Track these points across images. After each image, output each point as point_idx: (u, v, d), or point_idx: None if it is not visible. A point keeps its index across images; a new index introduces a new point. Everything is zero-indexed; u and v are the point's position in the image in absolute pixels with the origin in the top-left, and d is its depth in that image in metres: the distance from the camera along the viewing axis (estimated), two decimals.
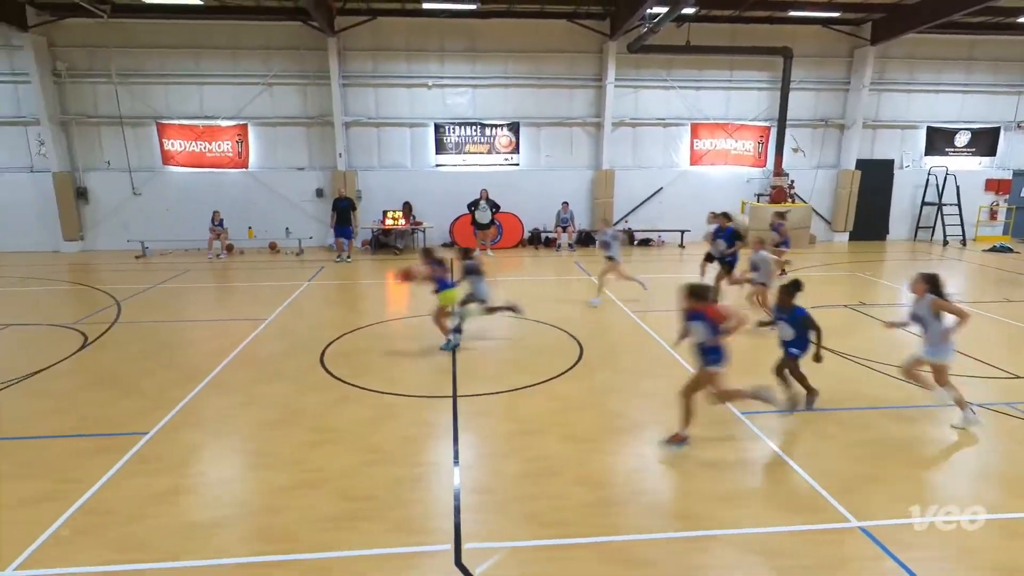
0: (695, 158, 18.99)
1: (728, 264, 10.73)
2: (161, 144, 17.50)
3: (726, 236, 10.89)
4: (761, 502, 4.93)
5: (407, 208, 17.52)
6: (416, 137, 18.07)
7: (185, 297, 12.26)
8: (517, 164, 18.43)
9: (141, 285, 13.08)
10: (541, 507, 4.86)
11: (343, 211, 16.19)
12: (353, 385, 7.41)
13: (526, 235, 18.51)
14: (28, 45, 16.05)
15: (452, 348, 8.60)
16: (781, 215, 13.08)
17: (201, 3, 15.61)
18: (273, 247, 17.69)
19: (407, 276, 8.35)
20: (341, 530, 4.58)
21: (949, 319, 5.95)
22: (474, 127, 18.06)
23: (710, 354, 5.47)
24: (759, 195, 18.94)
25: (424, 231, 17.65)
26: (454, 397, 7.03)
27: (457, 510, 4.81)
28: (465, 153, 18.19)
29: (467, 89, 17.86)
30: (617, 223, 18.57)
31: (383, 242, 17.78)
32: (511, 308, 9.25)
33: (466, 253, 8.93)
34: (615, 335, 9.50)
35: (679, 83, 18.38)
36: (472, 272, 8.67)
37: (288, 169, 17.98)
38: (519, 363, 8.20)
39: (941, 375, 6.04)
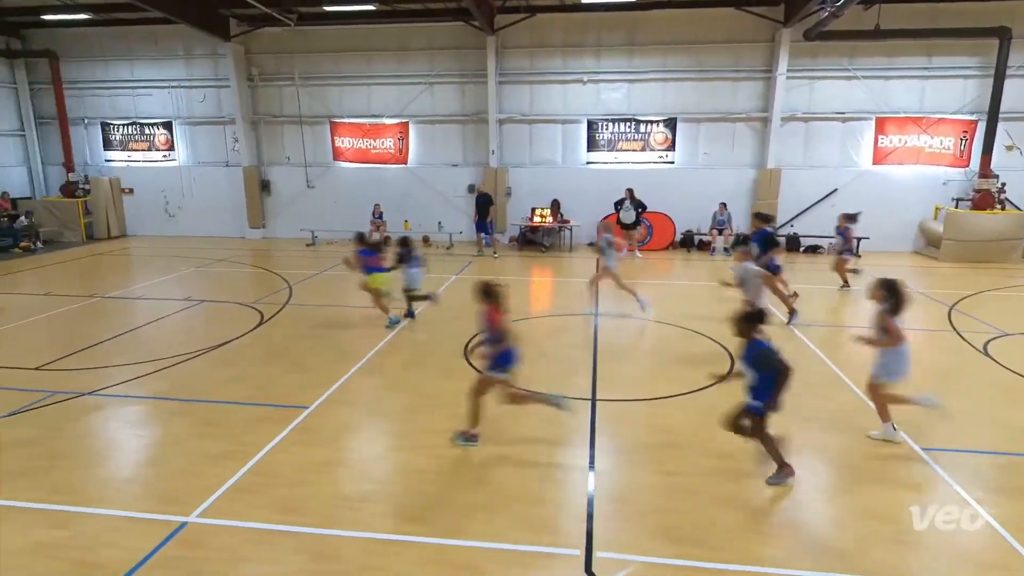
0: (879, 156, 17.20)
1: (770, 271, 9.49)
2: (333, 141, 19.30)
3: (758, 240, 9.88)
4: (942, 552, 4.39)
5: (555, 206, 17.74)
6: (568, 134, 18.22)
7: (347, 284, 13.42)
8: (672, 162, 17.91)
9: (310, 271, 14.55)
10: (678, 523, 4.72)
11: (481, 206, 16.82)
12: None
13: (678, 237, 17.94)
14: (229, 53, 18.47)
15: (393, 324, 9.75)
16: (850, 217, 11.83)
17: (373, 8, 16.96)
18: (426, 240, 18.78)
19: (347, 263, 9.98)
20: (471, 519, 4.79)
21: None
22: (628, 123, 17.83)
23: (495, 359, 5.66)
24: (958, 199, 16.72)
25: (571, 229, 17.76)
26: (593, 400, 7.03)
27: (590, 516, 4.82)
28: (617, 150, 18.02)
29: (622, 84, 17.67)
30: (782, 227, 17.38)
31: (530, 239, 18.16)
32: (428, 297, 10.18)
33: (403, 241, 9.90)
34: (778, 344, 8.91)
35: (863, 72, 16.75)
36: (404, 260, 9.76)
37: (443, 165, 18.98)
38: (664, 371, 8.01)
39: (877, 394, 5.91)
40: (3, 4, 17.26)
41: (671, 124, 17.69)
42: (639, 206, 16.81)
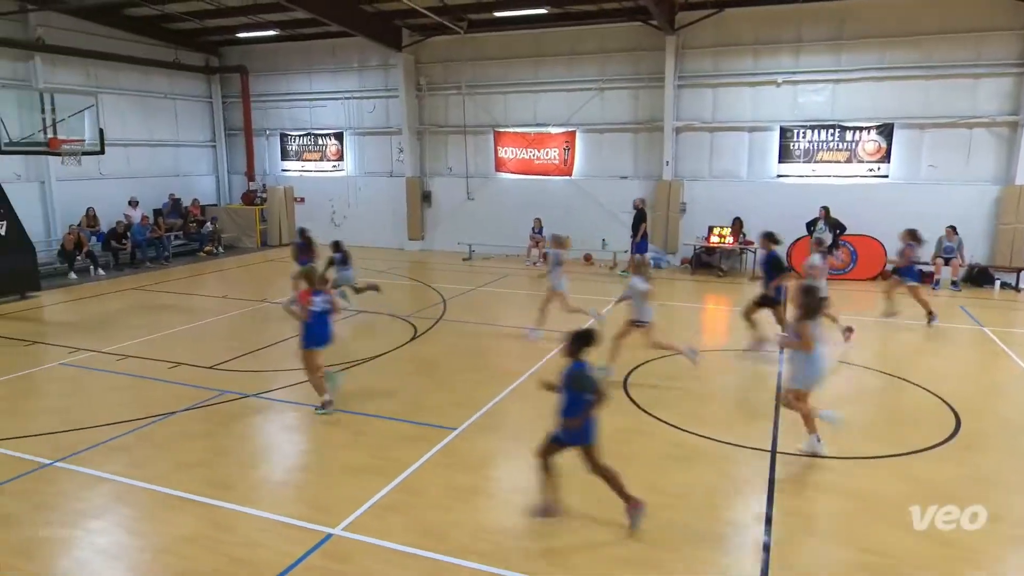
0: None
1: (773, 301, 9.80)
2: (496, 151, 20.16)
3: (765, 264, 10.14)
4: None
5: (737, 225, 16.99)
6: (756, 143, 17.43)
7: (501, 301, 13.91)
8: (886, 176, 16.40)
9: (465, 286, 15.26)
10: None
11: (634, 223, 16.72)
12: (652, 415, 7.50)
13: (889, 265, 16.31)
14: (400, 63, 20.10)
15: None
16: (913, 234, 11.69)
17: (545, 11, 17.56)
18: (588, 259, 18.87)
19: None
20: (623, 570, 4.66)
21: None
22: (831, 130, 16.65)
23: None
24: None
25: (755, 252, 16.89)
26: (773, 452, 6.59)
27: None
28: (816, 162, 16.88)
29: (826, 85, 16.57)
30: None
31: (705, 261, 17.55)
32: (373, 287, 12.45)
33: (335, 245, 12.41)
34: (1012, 404, 7.78)
35: None
36: (339, 262, 11.81)
37: (610, 177, 19.01)
38: (867, 426, 7.34)
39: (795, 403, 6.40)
40: (207, 25, 20.28)
41: (886, 131, 16.22)
42: (836, 227, 15.57)
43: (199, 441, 6.92)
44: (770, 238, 10.45)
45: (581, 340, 5.24)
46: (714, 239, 17.04)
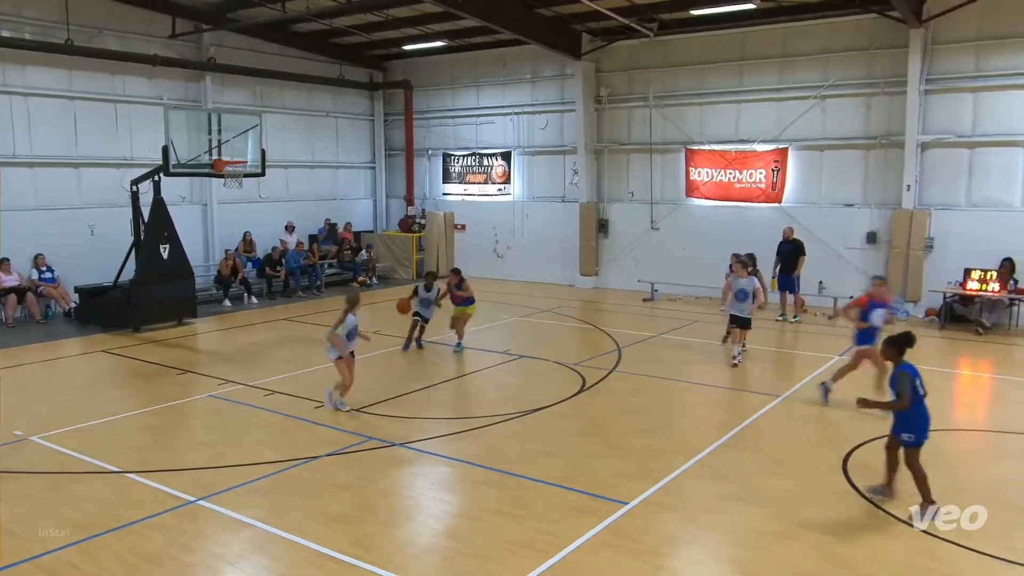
0: None
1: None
2: (687, 173, 19.92)
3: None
4: None
5: (1007, 267, 15.34)
6: None
7: (688, 353, 13.57)
8: None
9: (645, 332, 15.10)
10: None
11: (785, 256, 16.50)
12: (883, 509, 6.88)
13: None
14: (579, 72, 20.62)
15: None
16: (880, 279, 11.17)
17: (753, 7, 17.24)
18: (800, 305, 17.93)
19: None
20: None
21: None
22: None
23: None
24: None
25: None
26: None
27: None
28: None
29: None
30: None
31: (959, 314, 16.01)
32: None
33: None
34: None
35: None
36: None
37: (832, 205, 18.05)
38: None
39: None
40: (373, 38, 22.16)
41: None
42: None
43: (341, 492, 7.36)
44: (741, 261, 11.33)
45: (904, 342, 6.70)
46: (972, 285, 15.48)
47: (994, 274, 15.34)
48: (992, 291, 15.30)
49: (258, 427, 9.49)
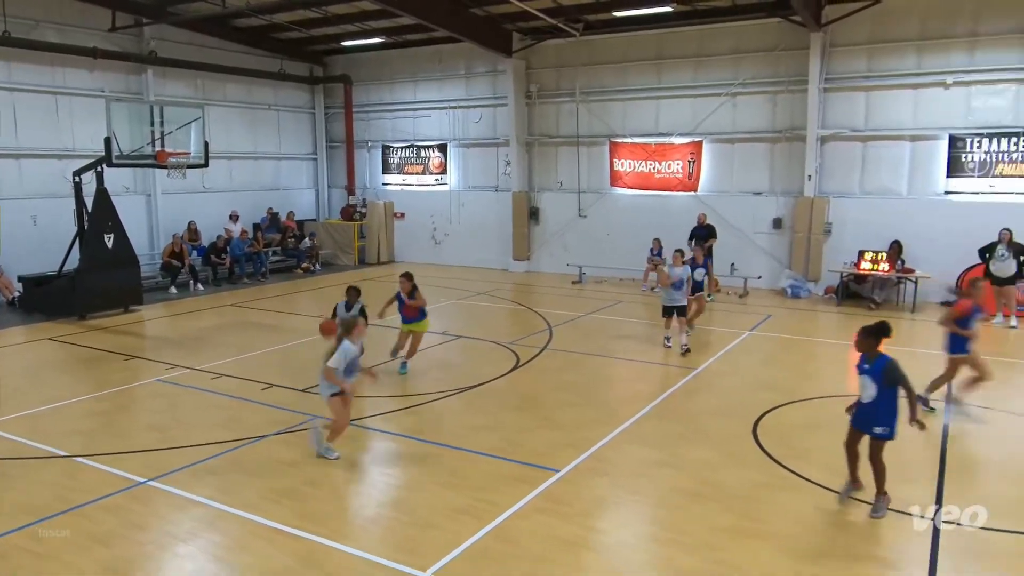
0: None
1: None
2: (611, 164, 20.12)
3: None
4: None
5: (895, 249, 16.02)
6: (919, 154, 16.45)
7: (613, 330, 13.78)
8: None
9: (574, 312, 15.24)
10: None
11: (700, 240, 16.65)
12: (789, 469, 7.16)
13: None
14: (510, 69, 20.54)
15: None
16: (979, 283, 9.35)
17: (670, 10, 17.44)
18: (714, 285, 18.35)
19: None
20: None
21: None
22: (1014, 139, 15.45)
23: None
24: None
25: (916, 282, 15.85)
26: (935, 520, 6.09)
27: None
28: (994, 176, 15.70)
29: (1008, 86, 15.43)
30: None
31: (854, 291, 16.66)
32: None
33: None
34: None
35: None
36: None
37: (742, 193, 18.50)
38: None
39: None
40: (313, 34, 21.61)
41: None
42: (1020, 253, 14.31)
43: (289, 469, 7.24)
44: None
45: (881, 332, 6.12)
46: (866, 265, 16.13)
47: (884, 255, 16.02)
48: (883, 270, 15.97)
49: (207, 409, 9.24)
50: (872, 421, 6.08)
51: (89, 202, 14.83)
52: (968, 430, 8.40)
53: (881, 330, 6.18)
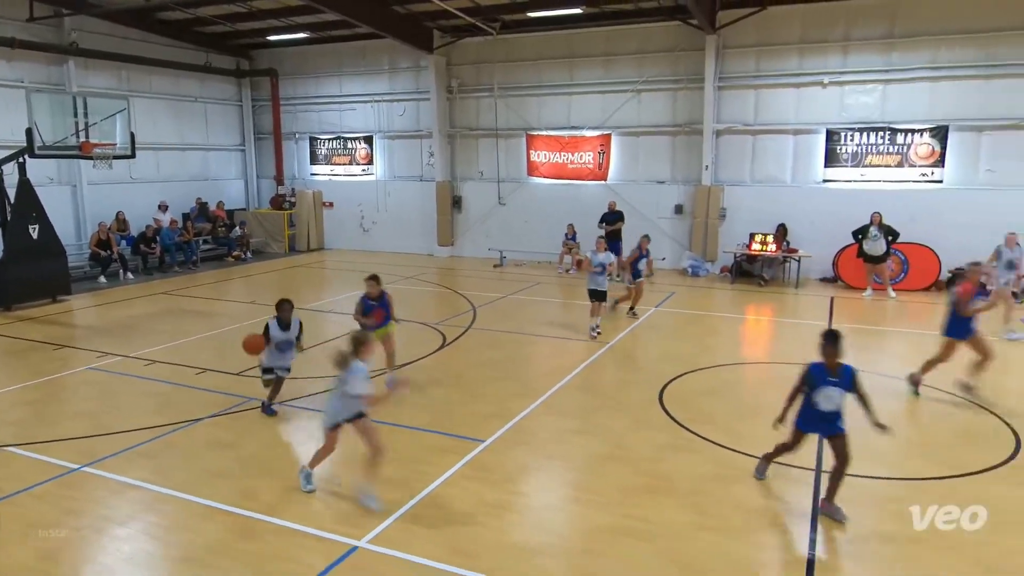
0: None
1: None
2: (528, 155, 20.21)
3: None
4: None
5: (781, 231, 16.76)
6: (800, 146, 17.19)
7: (532, 310, 13.91)
8: (940, 181, 16.03)
9: (496, 294, 15.30)
10: None
11: (610, 224, 17.02)
12: (692, 432, 7.43)
13: (944, 275, 15.93)
14: (431, 66, 20.28)
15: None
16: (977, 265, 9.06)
17: (580, 11, 17.57)
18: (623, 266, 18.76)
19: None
20: None
21: None
22: (881, 133, 16.34)
23: None
24: None
25: (799, 260, 16.63)
26: (817, 471, 6.47)
27: None
28: (864, 166, 16.58)
29: (876, 86, 16.28)
30: None
31: (746, 270, 17.34)
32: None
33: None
34: None
35: None
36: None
37: (647, 182, 18.92)
38: (922, 445, 7.19)
39: None
40: (238, 28, 20.73)
41: (940, 134, 15.87)
42: (889, 234, 15.22)
43: (225, 449, 7.04)
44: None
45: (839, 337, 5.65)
46: (756, 246, 16.81)
47: (771, 237, 16.72)
48: (770, 251, 16.68)
49: (140, 395, 8.85)
50: (837, 422, 5.80)
51: (12, 193, 13.88)
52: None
53: (838, 335, 5.74)
